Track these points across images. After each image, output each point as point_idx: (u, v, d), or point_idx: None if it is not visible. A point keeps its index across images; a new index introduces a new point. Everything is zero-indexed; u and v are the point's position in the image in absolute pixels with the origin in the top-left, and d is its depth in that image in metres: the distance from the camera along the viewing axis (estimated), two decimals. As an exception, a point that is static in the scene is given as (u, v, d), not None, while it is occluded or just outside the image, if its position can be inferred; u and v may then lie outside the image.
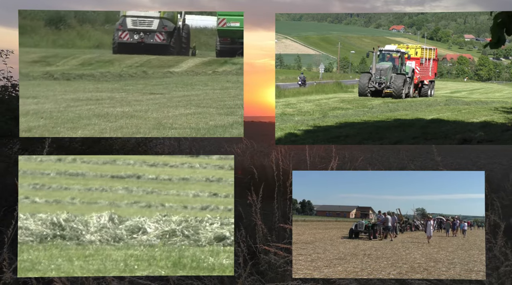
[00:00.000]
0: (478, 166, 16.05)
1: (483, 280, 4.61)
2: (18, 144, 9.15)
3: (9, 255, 4.84)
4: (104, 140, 10.01)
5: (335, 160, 6.82)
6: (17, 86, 9.50)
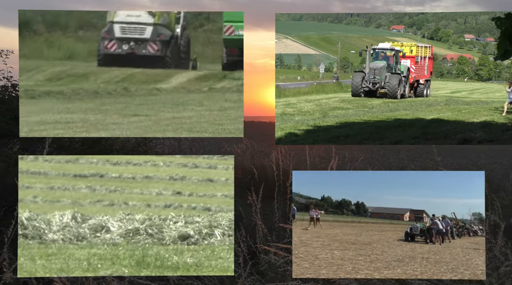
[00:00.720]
0: (478, 166, 16.04)
1: (483, 280, 4.61)
2: (18, 144, 9.15)
3: (9, 255, 4.83)
4: (104, 140, 10.01)
5: (335, 160, 6.82)
6: (17, 86, 9.50)
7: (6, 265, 4.59)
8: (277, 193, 6.62)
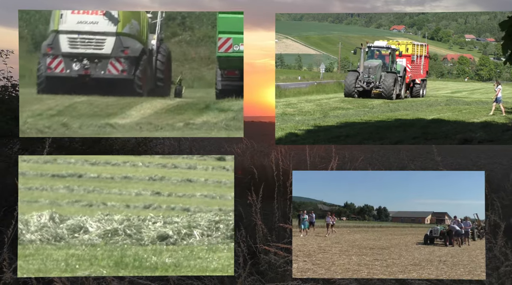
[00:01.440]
0: (478, 166, 16.02)
1: (483, 280, 4.60)
2: (18, 144, 9.15)
3: (9, 255, 4.83)
4: (104, 140, 10.00)
5: (335, 160, 6.81)
6: (17, 86, 9.50)
7: (6, 265, 4.58)
8: (277, 193, 6.62)
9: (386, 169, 11.74)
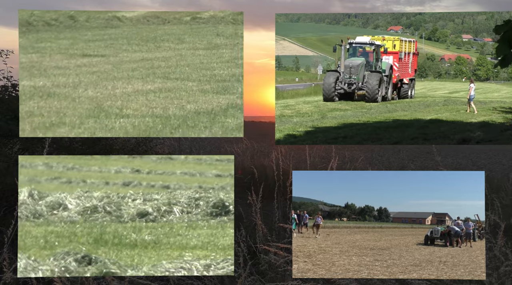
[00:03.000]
0: (478, 166, 16.07)
1: (483, 280, 4.62)
2: (18, 144, 9.15)
3: (9, 255, 4.83)
4: (104, 140, 10.01)
5: (335, 160, 6.83)
6: (17, 86, 9.50)
7: (6, 265, 4.58)
8: (277, 193, 6.63)
9: (386, 169, 11.73)
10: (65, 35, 6.37)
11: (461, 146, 20.72)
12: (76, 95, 5.01)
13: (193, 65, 5.69)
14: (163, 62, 5.84)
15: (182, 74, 5.48)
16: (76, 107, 4.73)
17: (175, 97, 4.87)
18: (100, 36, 6.37)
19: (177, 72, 5.52)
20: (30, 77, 5.23)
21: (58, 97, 4.92)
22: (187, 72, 5.53)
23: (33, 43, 5.91)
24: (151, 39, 6.36)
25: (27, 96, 4.97)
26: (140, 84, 5.20)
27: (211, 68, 5.57)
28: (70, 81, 5.36)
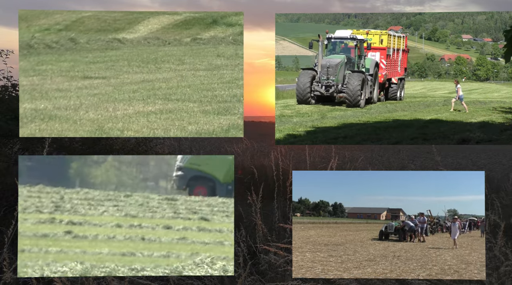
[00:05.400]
0: (478, 166, 16.07)
1: (483, 280, 4.62)
2: (18, 144, 9.15)
3: (9, 255, 4.84)
4: (104, 140, 10.01)
5: (335, 160, 6.83)
6: (17, 86, 9.51)
7: (6, 265, 4.59)
8: (277, 193, 6.63)
9: (386, 169, 11.73)
10: (66, 57, 6.38)
11: (461, 146, 20.73)
12: (78, 117, 4.93)
13: (194, 86, 5.67)
14: (164, 83, 5.82)
15: (183, 95, 5.48)
16: (77, 130, 4.67)
17: (176, 118, 4.88)
18: (101, 58, 6.36)
19: (178, 93, 5.53)
20: (31, 100, 5.25)
21: (60, 120, 4.85)
22: (188, 93, 5.53)
23: (34, 66, 5.98)
24: (151, 60, 6.35)
25: (29, 119, 4.92)
26: (141, 106, 5.16)
27: (212, 89, 5.56)
28: (71, 104, 5.31)
